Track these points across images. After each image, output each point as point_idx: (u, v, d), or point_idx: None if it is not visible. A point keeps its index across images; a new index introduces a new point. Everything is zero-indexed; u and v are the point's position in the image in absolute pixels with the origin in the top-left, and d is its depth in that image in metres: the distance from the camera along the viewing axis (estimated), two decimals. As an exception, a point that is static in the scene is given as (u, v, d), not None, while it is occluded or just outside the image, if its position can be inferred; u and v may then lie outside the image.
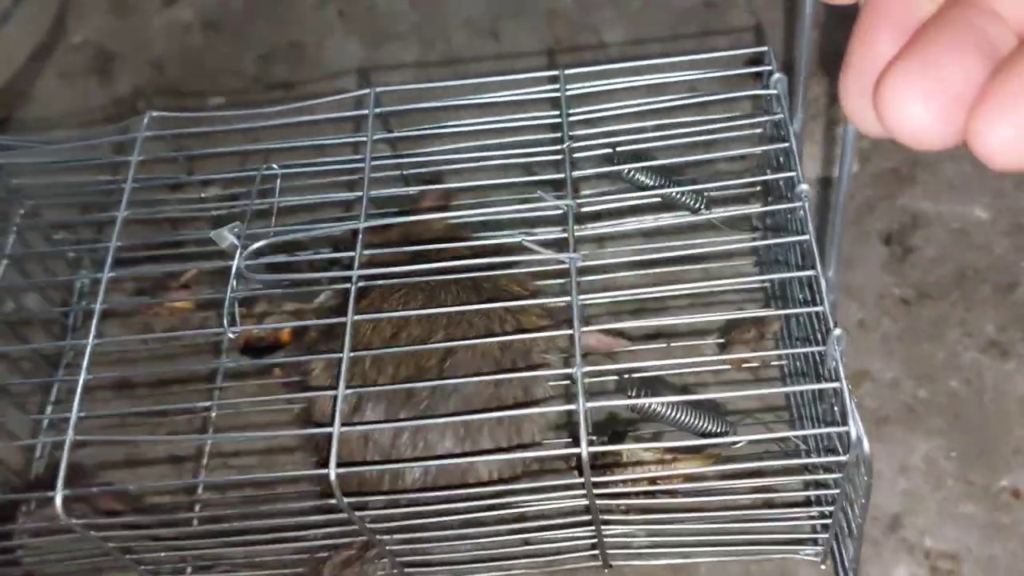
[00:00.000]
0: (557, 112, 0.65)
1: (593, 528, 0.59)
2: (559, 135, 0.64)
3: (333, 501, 0.53)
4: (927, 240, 0.79)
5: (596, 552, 0.63)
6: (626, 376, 0.56)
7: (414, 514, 0.58)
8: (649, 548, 0.63)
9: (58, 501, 0.53)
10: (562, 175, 0.61)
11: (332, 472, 0.51)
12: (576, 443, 0.50)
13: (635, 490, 0.61)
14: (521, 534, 0.61)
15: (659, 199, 0.67)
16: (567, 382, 0.66)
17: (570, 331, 0.54)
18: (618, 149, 0.65)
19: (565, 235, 0.58)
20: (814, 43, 0.58)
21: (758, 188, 0.76)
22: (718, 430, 0.58)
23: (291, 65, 0.99)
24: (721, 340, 0.71)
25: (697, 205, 0.67)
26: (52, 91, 1.01)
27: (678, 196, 0.66)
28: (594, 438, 0.69)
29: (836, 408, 0.54)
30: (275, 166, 0.64)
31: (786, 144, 0.60)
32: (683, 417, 0.57)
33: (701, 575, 0.66)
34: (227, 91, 0.97)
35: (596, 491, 0.54)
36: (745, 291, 0.75)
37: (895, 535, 0.66)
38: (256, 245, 0.59)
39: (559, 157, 0.64)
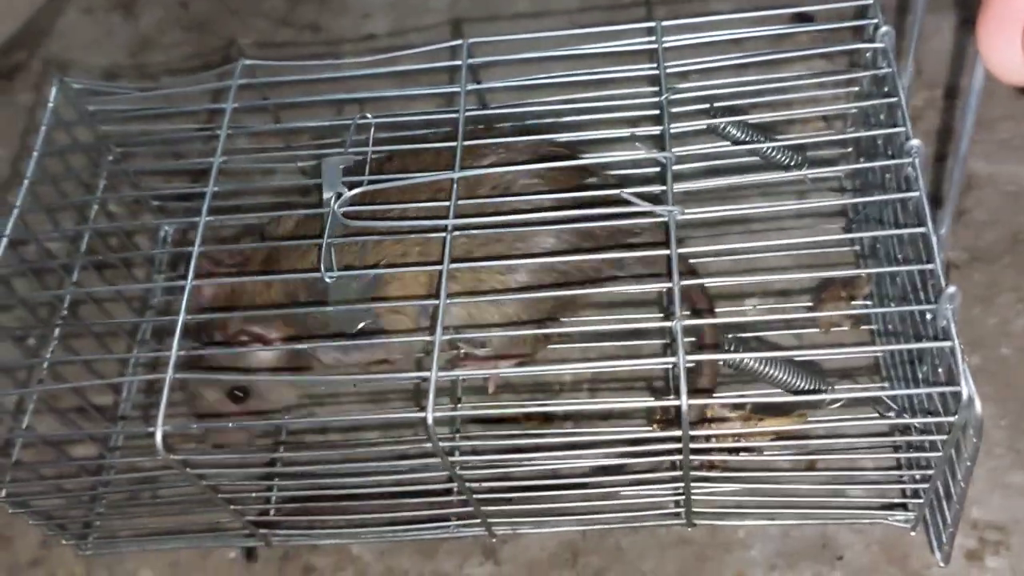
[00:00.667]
0: (653, 65, 0.64)
1: (682, 485, 0.59)
2: (655, 88, 0.63)
3: (428, 445, 0.53)
4: (980, 202, 0.76)
5: (680, 510, 0.63)
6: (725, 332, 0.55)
7: (503, 462, 0.58)
8: (735, 508, 0.62)
9: (158, 437, 0.53)
10: (658, 129, 0.60)
11: (429, 416, 0.51)
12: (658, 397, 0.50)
13: (722, 446, 0.60)
14: (608, 487, 0.61)
15: (755, 156, 0.66)
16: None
17: (669, 284, 0.53)
18: (715, 104, 0.64)
19: (659, 190, 0.57)
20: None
21: (849, 149, 0.74)
22: (815, 388, 0.57)
23: (319, 6, 0.98)
24: (810, 304, 0.70)
25: (793, 162, 0.66)
26: (75, 27, 1.02)
27: (775, 153, 0.65)
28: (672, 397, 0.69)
29: (941, 369, 0.53)
30: (369, 116, 0.64)
31: (894, 99, 0.58)
32: (780, 373, 0.56)
33: (777, 535, 0.65)
34: (253, 31, 0.97)
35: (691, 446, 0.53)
36: (835, 252, 0.74)
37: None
38: (353, 192, 0.59)
39: (655, 112, 0.63)
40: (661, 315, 0.71)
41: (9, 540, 0.73)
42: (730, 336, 0.55)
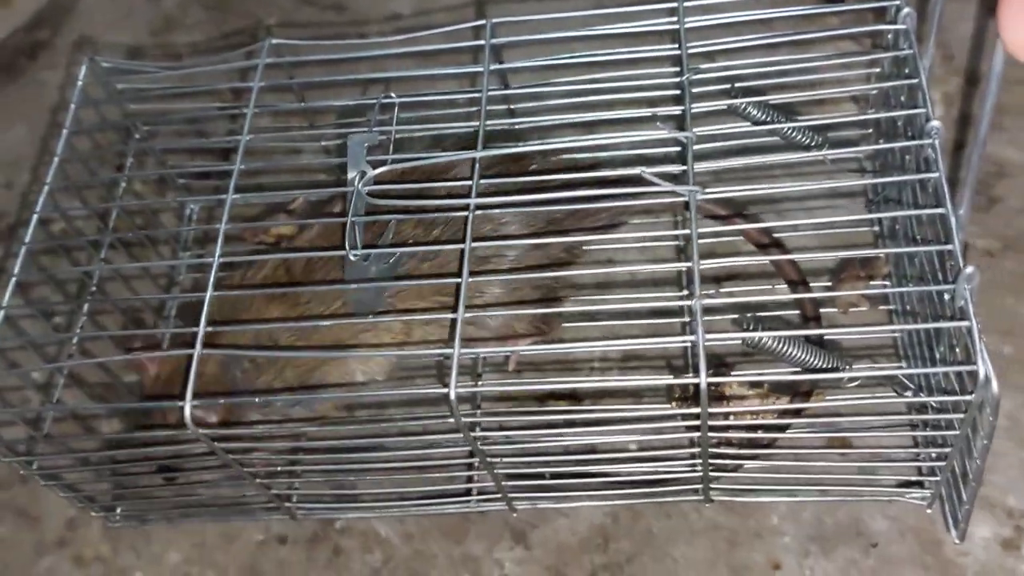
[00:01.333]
0: (674, 45, 0.65)
1: (700, 461, 0.59)
2: (676, 69, 0.64)
3: (450, 420, 0.54)
4: (1012, 190, 0.76)
5: (698, 486, 0.64)
6: (744, 312, 0.55)
7: (525, 438, 0.59)
8: (753, 485, 0.63)
9: (187, 412, 0.55)
10: (679, 109, 0.61)
11: (452, 392, 0.52)
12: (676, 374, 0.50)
13: (739, 424, 0.61)
14: (628, 463, 0.62)
15: (776, 136, 0.66)
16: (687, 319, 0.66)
17: (688, 264, 0.54)
18: (736, 84, 0.64)
19: (678, 171, 0.58)
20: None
21: (870, 130, 0.74)
22: (833, 367, 0.58)
23: None
24: (828, 283, 0.71)
25: (813, 143, 0.66)
26: (98, 6, 1.03)
27: (795, 133, 0.65)
28: (689, 375, 0.69)
29: (958, 349, 0.54)
30: (393, 95, 0.64)
31: (915, 80, 0.58)
32: (798, 352, 0.57)
33: (795, 513, 0.66)
34: (276, 9, 0.97)
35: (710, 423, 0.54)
36: (854, 233, 0.74)
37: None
38: (378, 171, 0.59)
39: (675, 92, 0.63)
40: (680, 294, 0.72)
41: (36, 519, 0.74)
42: (748, 315, 0.55)
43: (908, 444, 0.64)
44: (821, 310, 0.68)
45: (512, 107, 0.72)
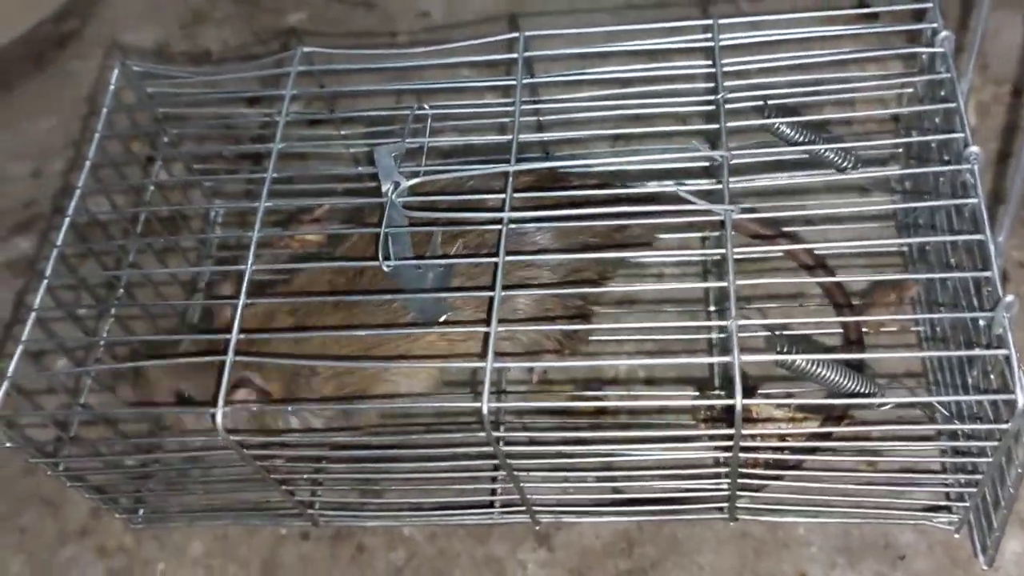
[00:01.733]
0: (708, 62, 0.65)
1: (727, 480, 0.59)
2: (709, 86, 0.64)
3: (481, 434, 0.54)
4: None
5: (723, 505, 0.64)
6: (776, 332, 0.55)
7: (554, 453, 0.59)
8: (779, 505, 0.63)
9: (219, 418, 0.55)
10: (712, 126, 0.61)
11: (485, 406, 0.52)
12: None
13: (765, 445, 0.61)
14: (654, 480, 0.62)
15: (806, 155, 0.66)
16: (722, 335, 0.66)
17: (723, 283, 0.54)
18: (769, 103, 0.64)
19: (711, 187, 0.58)
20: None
21: (899, 150, 0.74)
22: (865, 391, 0.58)
23: None
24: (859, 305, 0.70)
25: (846, 164, 0.66)
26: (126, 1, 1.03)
27: (828, 154, 0.65)
28: (721, 393, 0.69)
29: (992, 376, 0.54)
30: (427, 107, 0.64)
31: (952, 105, 0.58)
32: (831, 375, 0.56)
33: (826, 531, 0.66)
34: (305, 6, 0.97)
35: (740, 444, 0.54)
36: (882, 255, 0.74)
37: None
38: (412, 182, 0.59)
39: (708, 108, 0.63)
40: (704, 314, 0.72)
41: (59, 509, 0.74)
42: (781, 335, 0.55)
43: (936, 468, 0.64)
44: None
45: (541, 119, 0.72)
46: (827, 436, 0.62)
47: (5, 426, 0.59)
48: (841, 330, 0.65)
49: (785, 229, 0.69)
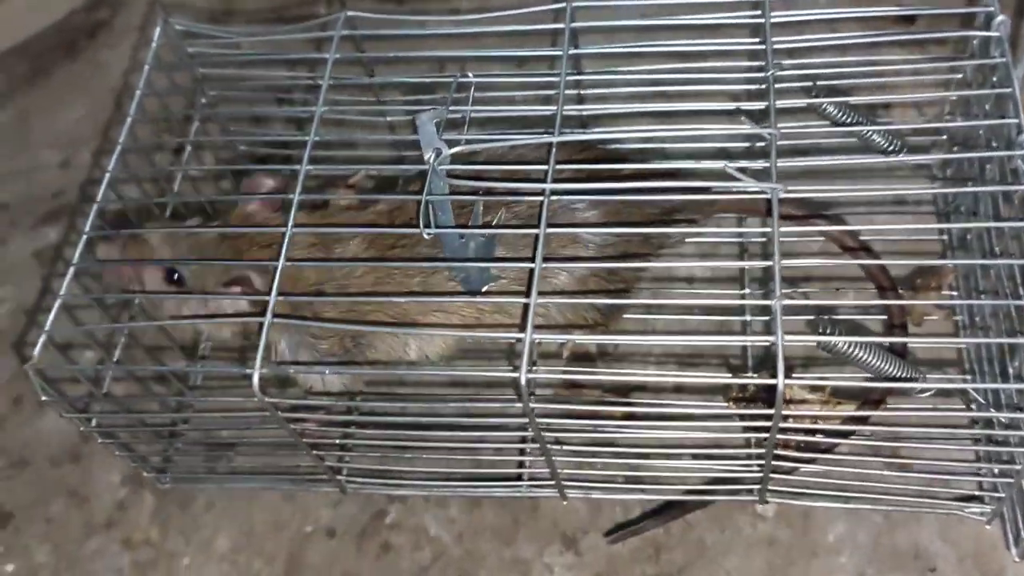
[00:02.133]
0: (755, 39, 0.64)
1: (760, 462, 0.59)
2: (753, 63, 0.63)
3: (517, 404, 0.54)
4: None
5: (754, 487, 0.63)
6: (820, 315, 0.55)
7: (587, 427, 0.58)
8: (811, 489, 0.62)
9: (255, 380, 0.55)
10: (762, 104, 0.60)
11: (523, 376, 0.52)
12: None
13: (799, 427, 0.61)
14: (686, 459, 0.62)
15: (852, 138, 0.65)
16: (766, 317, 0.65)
17: (769, 263, 0.53)
18: (818, 83, 0.63)
19: (760, 167, 0.57)
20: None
21: (943, 137, 0.73)
22: (906, 376, 0.57)
23: None
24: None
25: (892, 148, 0.65)
26: None
27: (875, 136, 0.64)
28: (753, 375, 0.69)
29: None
30: (470, 75, 0.64)
31: (1007, 90, 0.57)
32: (873, 359, 0.56)
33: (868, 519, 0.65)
34: None
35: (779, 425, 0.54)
36: (917, 242, 0.73)
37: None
38: (455, 150, 0.59)
39: (756, 86, 0.62)
40: (745, 294, 0.72)
41: (86, 499, 0.74)
42: (825, 318, 0.54)
43: (970, 458, 0.63)
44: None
45: (582, 92, 0.72)
46: (862, 421, 0.62)
47: (41, 379, 0.59)
48: (884, 315, 0.65)
49: (828, 212, 0.68)
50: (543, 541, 0.68)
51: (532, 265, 0.55)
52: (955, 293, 0.68)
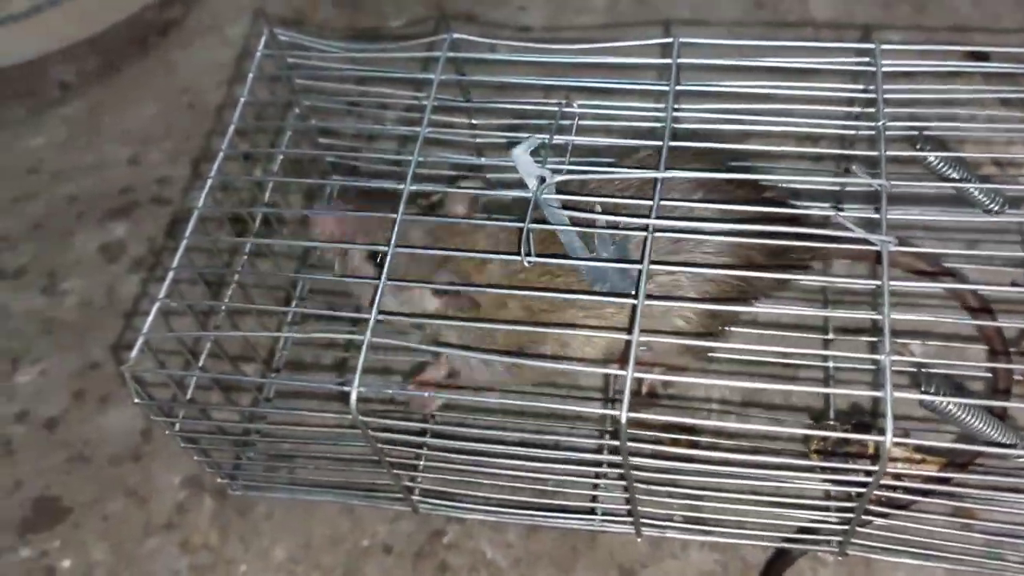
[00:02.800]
0: (863, 86, 0.64)
1: (850, 515, 0.58)
2: (861, 110, 0.63)
3: (616, 442, 0.53)
4: None
5: (834, 538, 0.63)
6: (925, 371, 0.54)
7: (675, 469, 0.58)
8: (891, 545, 0.61)
9: (353, 397, 0.55)
10: (870, 153, 0.60)
11: (623, 416, 0.52)
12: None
13: (894, 484, 0.60)
14: (772, 507, 0.61)
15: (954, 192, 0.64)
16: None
17: (878, 315, 0.53)
18: (924, 134, 0.63)
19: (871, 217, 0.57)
20: None
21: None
22: (1008, 441, 0.56)
23: None
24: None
25: (993, 205, 0.64)
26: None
27: (979, 193, 0.63)
28: (836, 423, 0.68)
29: None
30: (575, 104, 0.64)
31: None
32: (975, 422, 0.55)
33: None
34: (406, 14, 0.98)
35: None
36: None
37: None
38: (559, 178, 0.59)
39: (863, 133, 0.62)
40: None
41: (145, 500, 0.75)
42: (932, 375, 0.54)
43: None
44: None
45: (684, 128, 0.71)
46: (949, 481, 0.61)
47: (136, 382, 0.59)
48: (991, 375, 0.64)
49: (951, 271, 0.67)
50: (601, 571, 0.67)
51: (635, 302, 0.55)
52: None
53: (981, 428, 0.56)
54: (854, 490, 0.56)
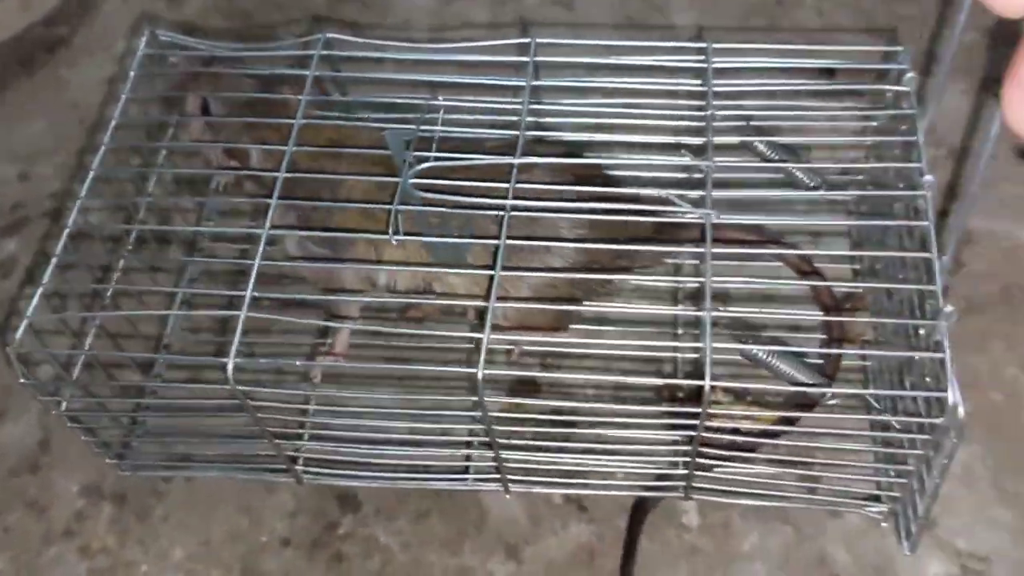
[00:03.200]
0: (698, 81, 0.71)
1: (688, 459, 0.65)
2: (697, 103, 0.70)
3: (475, 399, 0.59)
4: (977, 256, 0.83)
5: (681, 484, 0.70)
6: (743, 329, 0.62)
7: (534, 422, 0.64)
8: (730, 487, 0.69)
9: (230, 368, 0.59)
10: (699, 140, 0.67)
11: (480, 372, 0.57)
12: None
13: (721, 426, 0.67)
14: (607, 455, 0.68)
15: (780, 174, 0.73)
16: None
17: (702, 279, 0.60)
18: (750, 123, 0.71)
19: (697, 194, 0.64)
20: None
21: (860, 176, 0.81)
22: (811, 381, 0.64)
23: (360, 6, 1.03)
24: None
25: (813, 184, 0.73)
26: (116, 10, 1.06)
27: (799, 173, 0.72)
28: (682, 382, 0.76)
29: (928, 379, 0.61)
30: (440, 99, 0.69)
31: (914, 138, 0.66)
32: (785, 366, 0.64)
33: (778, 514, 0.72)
34: (295, 26, 1.02)
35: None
36: (836, 268, 0.80)
37: (930, 534, 0.70)
38: (424, 166, 0.65)
39: (697, 124, 0.70)
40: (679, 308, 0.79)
41: (44, 509, 0.76)
42: (746, 331, 0.62)
43: (869, 462, 0.71)
44: (806, 335, 0.75)
45: (540, 120, 0.78)
46: (788, 422, 0.69)
47: (22, 363, 0.62)
48: (824, 333, 0.73)
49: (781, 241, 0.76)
50: (487, 551, 0.73)
51: (492, 272, 0.61)
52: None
53: (792, 373, 0.64)
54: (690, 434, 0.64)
